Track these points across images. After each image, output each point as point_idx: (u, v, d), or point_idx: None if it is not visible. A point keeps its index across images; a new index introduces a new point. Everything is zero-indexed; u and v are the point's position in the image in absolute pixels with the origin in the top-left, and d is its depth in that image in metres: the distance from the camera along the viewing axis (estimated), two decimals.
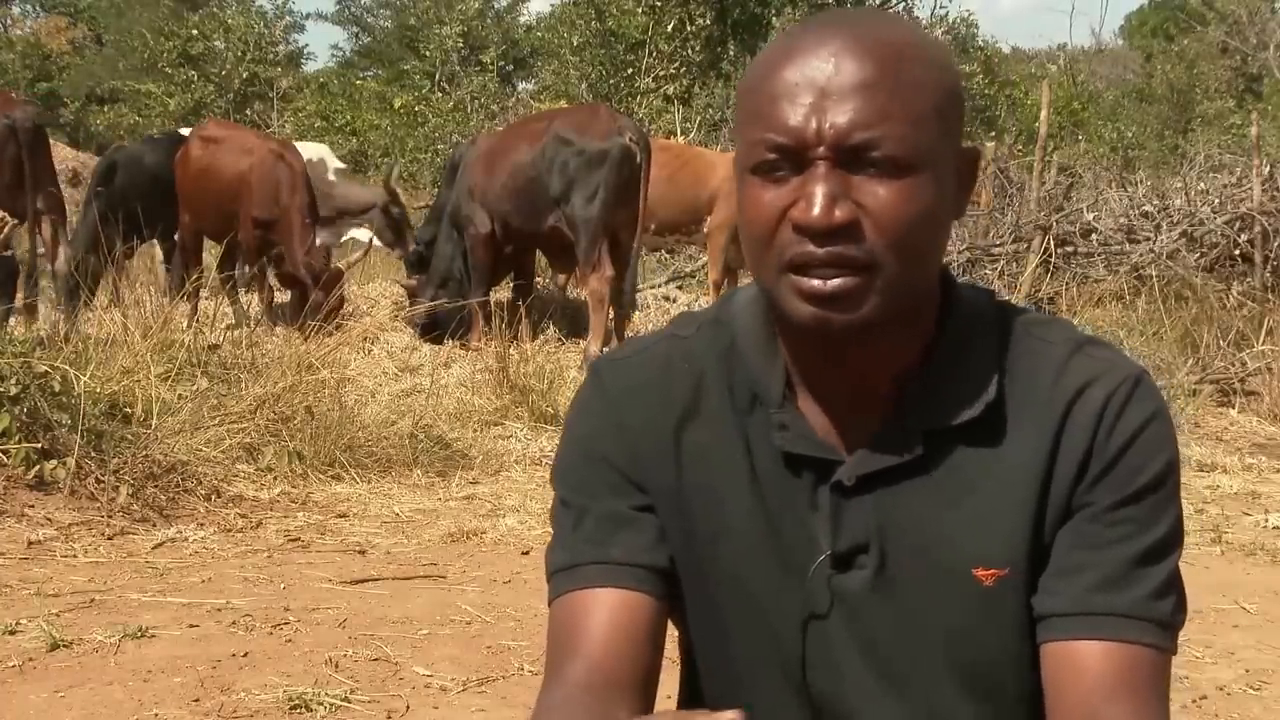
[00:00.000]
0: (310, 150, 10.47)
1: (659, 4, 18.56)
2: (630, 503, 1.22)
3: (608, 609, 1.18)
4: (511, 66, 27.83)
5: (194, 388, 5.58)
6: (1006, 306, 1.23)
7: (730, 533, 1.21)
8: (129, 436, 4.80)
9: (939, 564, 1.16)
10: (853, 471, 1.17)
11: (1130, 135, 20.30)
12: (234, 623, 3.56)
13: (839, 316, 1.09)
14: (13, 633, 3.37)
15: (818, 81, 1.07)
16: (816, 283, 1.08)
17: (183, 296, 7.22)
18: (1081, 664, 1.12)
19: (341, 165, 11.49)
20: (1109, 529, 1.14)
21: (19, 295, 7.53)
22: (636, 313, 8.72)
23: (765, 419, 1.20)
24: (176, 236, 9.15)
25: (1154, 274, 9.14)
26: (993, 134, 17.59)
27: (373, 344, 7.92)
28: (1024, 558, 1.15)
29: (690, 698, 1.32)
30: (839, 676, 1.20)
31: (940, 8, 24.76)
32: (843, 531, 1.17)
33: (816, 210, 1.06)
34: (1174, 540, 1.17)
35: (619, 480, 1.22)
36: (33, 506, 4.36)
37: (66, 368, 4.72)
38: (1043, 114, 10.44)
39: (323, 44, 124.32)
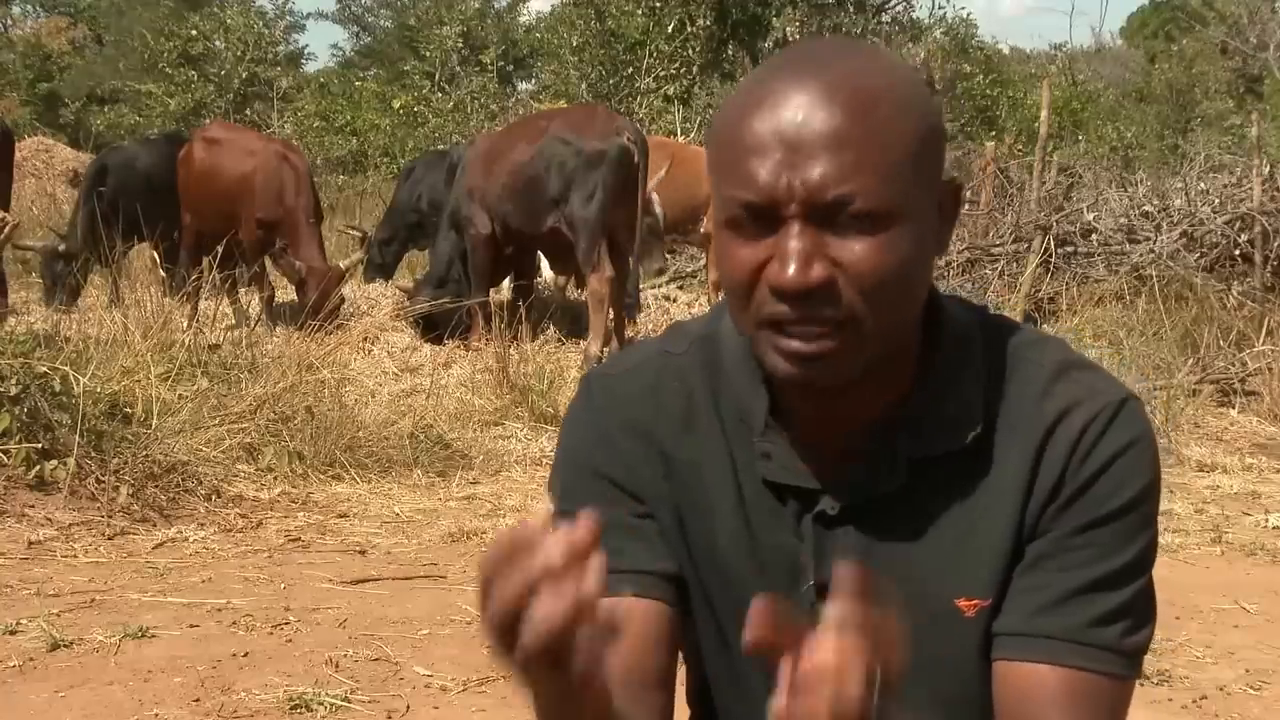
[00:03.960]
0: None
1: (659, 4, 18.55)
2: (632, 510, 1.21)
3: (620, 617, 1.18)
4: (511, 66, 27.81)
5: (194, 388, 5.57)
6: (997, 325, 1.21)
7: (719, 551, 1.20)
8: (129, 436, 4.80)
9: (922, 595, 1.14)
10: (836, 502, 1.16)
11: (1130, 135, 20.28)
12: (234, 623, 3.56)
13: (818, 375, 1.08)
14: (13, 633, 3.37)
15: (787, 135, 1.04)
16: (796, 344, 1.06)
17: (183, 297, 7.22)
18: (1022, 684, 1.13)
19: None
20: (1068, 554, 1.13)
21: None
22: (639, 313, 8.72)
23: (751, 444, 1.19)
24: (177, 237, 9.16)
25: (1154, 274, 9.13)
26: (993, 134, 17.59)
27: (373, 344, 7.92)
28: (1004, 586, 1.15)
29: (696, 696, 1.32)
30: None
31: (939, 8, 24.77)
32: (826, 561, 1.15)
33: (791, 271, 1.04)
34: (1139, 567, 1.15)
35: (617, 493, 1.22)
36: (33, 506, 4.36)
37: (66, 368, 4.71)
38: (1043, 114, 10.44)
39: (323, 44, 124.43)
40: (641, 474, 1.22)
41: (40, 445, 4.45)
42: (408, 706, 3.03)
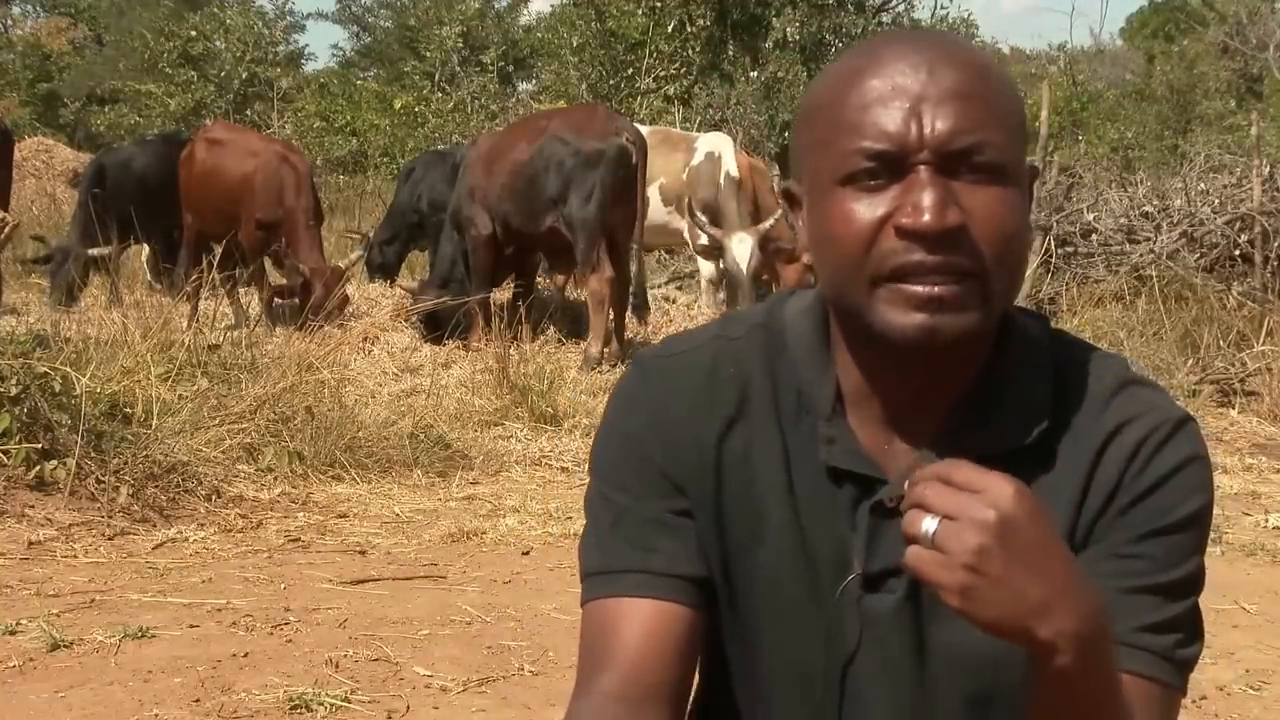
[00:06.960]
0: (712, 143, 9.32)
1: (659, 4, 18.53)
2: (671, 506, 1.20)
3: (644, 620, 1.17)
4: (511, 67, 27.80)
5: (194, 388, 5.57)
6: (1061, 337, 1.22)
7: (763, 544, 1.19)
8: (129, 437, 4.80)
9: None
10: (894, 492, 1.14)
11: (1130, 136, 20.27)
12: (234, 623, 3.56)
13: (947, 323, 1.07)
14: (13, 633, 3.37)
15: (912, 89, 1.07)
16: (923, 288, 1.06)
17: (183, 296, 7.23)
18: None
19: (736, 174, 8.98)
20: (1122, 561, 1.13)
21: None
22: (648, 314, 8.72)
23: (810, 430, 1.18)
24: (175, 237, 9.18)
25: (1154, 274, 9.13)
26: None
27: (373, 344, 7.93)
28: None
29: (709, 700, 1.30)
30: (862, 695, 1.20)
31: (941, 8, 24.73)
32: (878, 553, 1.16)
33: (928, 215, 1.05)
34: (1191, 585, 1.15)
35: (660, 482, 1.21)
36: (33, 507, 4.36)
37: (67, 368, 4.71)
38: (1043, 114, 10.43)
39: (323, 44, 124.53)
40: (689, 467, 1.20)
41: (40, 445, 4.45)
42: (408, 706, 3.03)
